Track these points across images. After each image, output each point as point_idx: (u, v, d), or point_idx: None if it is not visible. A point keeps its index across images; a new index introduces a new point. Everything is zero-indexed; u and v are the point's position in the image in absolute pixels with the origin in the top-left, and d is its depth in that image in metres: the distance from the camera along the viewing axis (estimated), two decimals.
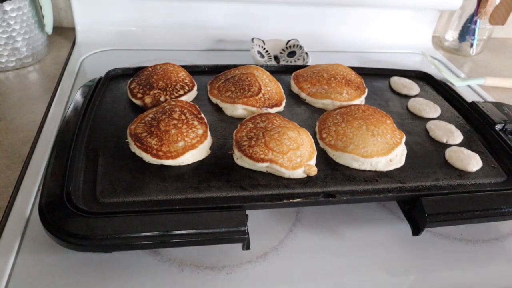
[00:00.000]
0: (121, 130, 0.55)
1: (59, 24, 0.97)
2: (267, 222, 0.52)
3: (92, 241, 0.40)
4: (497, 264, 0.51)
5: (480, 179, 0.54)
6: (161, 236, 0.41)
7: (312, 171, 0.51)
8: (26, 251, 0.45)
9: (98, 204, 0.44)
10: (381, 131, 0.55)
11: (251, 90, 0.63)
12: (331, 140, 0.56)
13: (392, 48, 1.05)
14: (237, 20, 0.96)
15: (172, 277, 0.45)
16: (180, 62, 0.70)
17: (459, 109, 0.69)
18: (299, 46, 0.90)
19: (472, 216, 0.49)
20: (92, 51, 0.88)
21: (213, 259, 0.47)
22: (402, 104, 0.69)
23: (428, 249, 0.51)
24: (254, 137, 0.52)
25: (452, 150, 0.58)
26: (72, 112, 0.57)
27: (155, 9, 0.92)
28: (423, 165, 0.55)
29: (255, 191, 0.48)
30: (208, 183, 0.48)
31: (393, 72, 0.79)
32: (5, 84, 0.76)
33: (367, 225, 0.53)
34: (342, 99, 0.65)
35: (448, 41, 1.14)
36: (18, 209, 0.50)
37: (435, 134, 0.61)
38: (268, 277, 0.46)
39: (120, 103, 0.62)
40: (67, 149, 0.49)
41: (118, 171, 0.49)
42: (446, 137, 0.61)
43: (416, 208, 0.48)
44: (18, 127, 0.65)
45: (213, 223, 0.42)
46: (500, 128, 0.63)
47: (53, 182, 0.45)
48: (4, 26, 0.75)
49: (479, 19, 1.03)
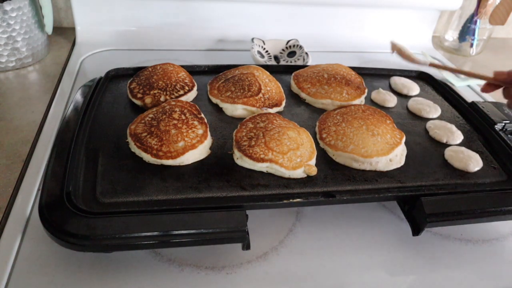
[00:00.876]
0: (121, 130, 0.55)
1: (59, 24, 0.97)
2: (267, 222, 0.52)
3: (92, 241, 0.40)
4: (497, 264, 0.51)
5: (480, 179, 0.54)
6: (161, 236, 0.41)
7: (312, 171, 0.51)
8: (26, 251, 0.45)
9: (98, 204, 0.44)
10: (381, 131, 0.55)
11: (251, 90, 0.63)
12: (331, 140, 0.56)
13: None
14: (237, 20, 0.96)
15: (172, 277, 0.45)
16: (180, 62, 0.70)
17: (459, 109, 0.69)
18: (299, 46, 0.90)
19: (472, 216, 0.49)
20: (92, 51, 0.88)
21: (213, 259, 0.47)
22: (402, 104, 0.69)
23: (428, 249, 0.51)
24: (254, 137, 0.52)
25: (452, 150, 0.58)
26: (72, 112, 0.57)
27: (155, 9, 0.92)
28: (423, 165, 0.55)
29: (255, 191, 0.48)
30: (208, 183, 0.48)
31: (393, 72, 0.79)
32: (5, 84, 0.76)
33: (367, 225, 0.53)
34: (342, 99, 0.65)
35: (448, 41, 1.14)
36: (18, 209, 0.50)
37: (435, 134, 0.61)
38: (268, 277, 0.46)
39: (120, 103, 0.62)
40: (67, 149, 0.49)
41: (118, 171, 0.49)
42: (446, 137, 0.60)
43: (416, 208, 0.48)
44: (18, 127, 0.65)
45: (213, 223, 0.42)
46: (500, 128, 0.63)
47: (53, 182, 0.45)
48: (4, 26, 0.75)
49: (479, 19, 1.03)
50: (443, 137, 0.61)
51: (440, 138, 0.61)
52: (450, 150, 0.58)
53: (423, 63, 0.65)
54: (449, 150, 0.58)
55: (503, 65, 1.09)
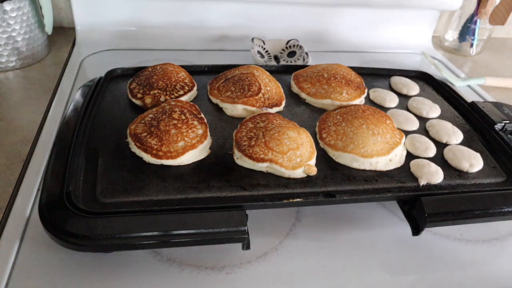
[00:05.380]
0: (121, 130, 0.55)
1: (59, 24, 0.97)
2: (267, 222, 0.52)
3: (92, 241, 0.40)
4: (497, 264, 0.51)
5: (480, 179, 0.54)
6: (161, 236, 0.41)
7: (312, 171, 0.51)
8: (26, 251, 0.45)
9: (98, 204, 0.44)
10: (381, 130, 0.55)
11: (251, 90, 0.63)
12: (331, 140, 0.56)
13: (392, 48, 1.05)
14: (237, 20, 0.96)
15: (172, 277, 0.45)
16: (180, 62, 0.70)
17: (459, 109, 0.69)
18: (299, 46, 0.90)
19: (472, 216, 0.49)
20: (92, 51, 0.88)
21: (213, 259, 0.47)
22: (402, 104, 0.69)
23: (428, 249, 0.51)
24: (254, 137, 0.52)
25: (452, 149, 0.58)
26: (72, 112, 0.57)
27: (155, 9, 0.92)
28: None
29: (255, 191, 0.48)
30: (208, 183, 0.48)
31: (393, 72, 0.79)
32: (5, 84, 0.76)
33: (367, 225, 0.53)
34: (342, 99, 0.65)
35: (448, 41, 1.14)
36: (18, 209, 0.50)
37: (435, 134, 0.61)
38: (268, 277, 0.46)
39: (120, 103, 0.62)
40: (67, 149, 0.49)
41: (118, 171, 0.49)
42: (446, 137, 0.60)
43: (416, 208, 0.48)
44: (18, 127, 0.65)
45: (213, 223, 0.42)
46: (500, 128, 0.63)
47: (53, 182, 0.45)
48: (4, 26, 0.75)
49: (479, 19, 1.03)
50: (443, 137, 0.61)
51: (440, 138, 0.61)
52: (450, 150, 0.58)
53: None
54: (449, 150, 0.58)
55: (503, 65, 1.09)
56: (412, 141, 0.59)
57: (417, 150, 0.57)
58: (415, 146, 0.58)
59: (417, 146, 0.58)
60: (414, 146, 0.58)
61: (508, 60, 1.13)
